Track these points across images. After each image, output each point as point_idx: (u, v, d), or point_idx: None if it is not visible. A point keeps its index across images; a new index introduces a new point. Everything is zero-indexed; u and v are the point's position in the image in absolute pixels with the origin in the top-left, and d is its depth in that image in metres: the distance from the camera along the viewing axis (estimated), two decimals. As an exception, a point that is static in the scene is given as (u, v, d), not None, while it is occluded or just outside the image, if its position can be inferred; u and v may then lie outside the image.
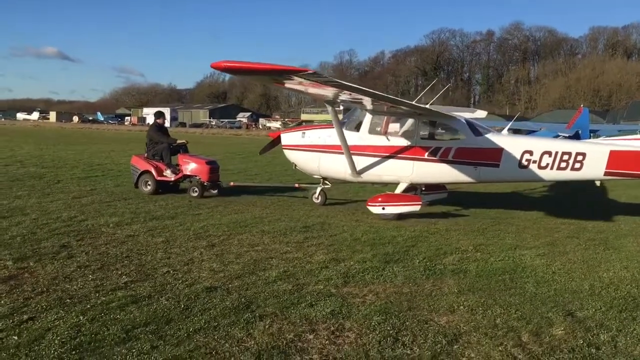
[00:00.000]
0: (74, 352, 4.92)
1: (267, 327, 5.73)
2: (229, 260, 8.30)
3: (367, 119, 13.18)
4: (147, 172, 14.74)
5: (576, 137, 29.14)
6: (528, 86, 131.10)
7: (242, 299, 6.54)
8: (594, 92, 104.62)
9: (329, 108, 12.42)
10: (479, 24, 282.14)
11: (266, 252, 8.86)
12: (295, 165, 14.40)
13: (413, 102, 12.80)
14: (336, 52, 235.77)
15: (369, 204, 12.67)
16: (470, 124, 13.22)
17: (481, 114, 20.17)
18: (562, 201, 16.69)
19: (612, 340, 5.78)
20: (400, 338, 5.60)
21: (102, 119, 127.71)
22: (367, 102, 12.00)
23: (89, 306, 6.07)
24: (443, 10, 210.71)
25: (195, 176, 14.64)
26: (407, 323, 6.02)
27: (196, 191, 14.38)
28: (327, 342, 5.47)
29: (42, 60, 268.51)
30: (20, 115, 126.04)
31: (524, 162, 12.36)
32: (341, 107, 14.86)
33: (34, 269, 7.34)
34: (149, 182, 14.66)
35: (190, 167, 14.79)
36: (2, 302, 6.09)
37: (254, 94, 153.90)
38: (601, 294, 7.37)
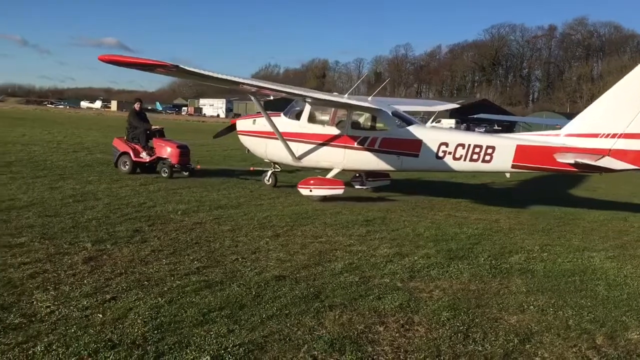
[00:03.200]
0: (156, 332, 5.14)
1: (337, 317, 5.83)
2: (295, 250, 8.45)
3: (307, 109, 14.19)
4: (126, 153, 15.81)
5: None
6: (591, 83, 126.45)
7: (311, 289, 6.65)
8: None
9: (253, 98, 13.85)
10: (540, 18, 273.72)
11: (330, 244, 8.97)
12: (248, 150, 15.62)
13: (296, 91, 13.71)
14: (392, 45, 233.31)
15: (300, 186, 13.55)
16: (397, 115, 14.04)
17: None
18: (628, 203, 16.13)
19: (692, 348, 5.59)
20: (470, 335, 5.60)
21: (161, 109, 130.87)
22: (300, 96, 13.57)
23: (165, 289, 6.31)
24: (503, 5, 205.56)
25: (167, 158, 15.58)
26: (477, 320, 6.01)
27: (166, 172, 15.42)
28: (397, 334, 5.52)
29: (102, 50, 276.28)
30: (84, 104, 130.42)
31: (440, 154, 13.04)
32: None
33: (112, 252, 7.67)
34: (127, 162, 15.74)
35: (162, 150, 15.78)
36: (85, 281, 6.41)
37: (308, 86, 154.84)
38: (678, 301, 7.12)
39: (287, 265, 7.59)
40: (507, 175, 13.47)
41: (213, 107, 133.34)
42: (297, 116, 14.41)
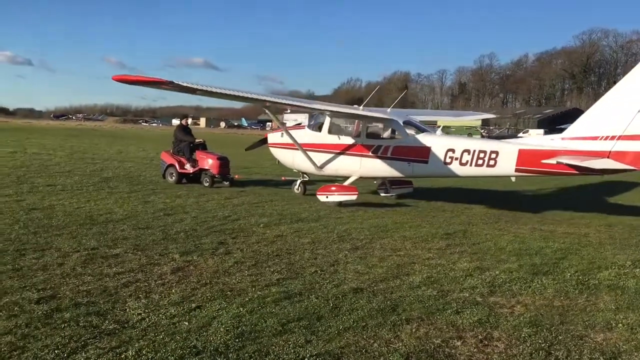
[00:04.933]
0: (237, 340, 5.37)
1: (414, 330, 5.83)
2: (373, 263, 8.50)
3: (327, 121, 15.21)
4: (172, 165, 17.26)
5: None
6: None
7: (388, 302, 6.69)
8: None
9: (269, 112, 14.99)
10: (635, 22, 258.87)
11: (408, 257, 8.95)
12: (278, 161, 16.71)
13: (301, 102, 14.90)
14: (476, 56, 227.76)
15: (319, 193, 14.35)
16: (409, 124, 14.67)
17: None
18: None
19: None
20: (553, 352, 5.43)
21: (246, 125, 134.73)
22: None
23: (247, 299, 6.56)
24: (594, 10, 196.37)
25: (208, 169, 16.75)
26: (560, 337, 5.81)
27: (207, 182, 16.66)
28: (475, 350, 5.44)
29: (192, 70, 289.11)
30: (175, 121, 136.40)
31: (448, 160, 13.49)
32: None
33: (198, 263, 8.06)
34: (173, 174, 17.14)
35: (204, 162, 17.00)
36: (173, 290, 6.78)
37: (390, 99, 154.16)
38: None
39: (365, 278, 7.66)
40: (513, 179, 13.72)
41: (296, 122, 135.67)
42: (319, 128, 15.40)
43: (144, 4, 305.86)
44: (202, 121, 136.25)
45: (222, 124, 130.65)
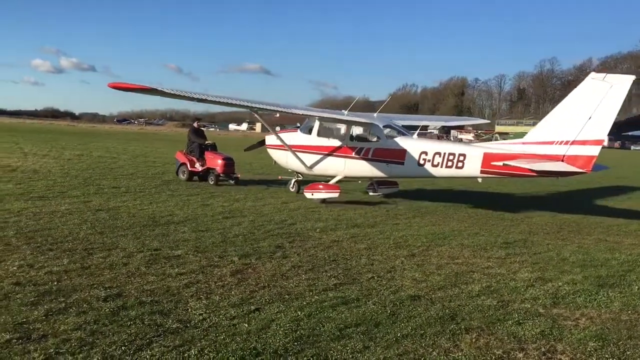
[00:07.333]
0: (296, 343, 5.42)
1: (473, 340, 5.73)
2: (430, 271, 8.41)
3: (316, 124, 16.12)
4: (184, 164, 18.63)
5: None
6: None
7: (446, 310, 6.60)
8: None
9: (257, 116, 16.11)
10: None
11: (467, 266, 8.81)
12: (275, 162, 17.65)
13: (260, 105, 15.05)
14: (537, 60, 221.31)
15: (306, 190, 15.42)
16: (391, 128, 15.50)
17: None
18: None
19: None
20: (620, 368, 5.23)
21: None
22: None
23: (304, 303, 6.61)
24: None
25: (214, 168, 17.79)
26: (628, 353, 5.59)
27: (212, 180, 17.82)
28: (538, 362, 5.30)
29: (246, 76, 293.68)
30: (232, 126, 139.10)
31: (421, 161, 14.35)
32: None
33: (256, 266, 8.18)
34: (185, 172, 18.49)
35: (212, 161, 18.10)
36: (233, 292, 6.90)
37: (446, 106, 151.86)
38: None
39: (423, 286, 7.59)
40: (479, 180, 14.66)
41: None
42: (310, 131, 16.29)
43: (202, 13, 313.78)
44: (258, 126, 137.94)
45: (278, 129, 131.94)
